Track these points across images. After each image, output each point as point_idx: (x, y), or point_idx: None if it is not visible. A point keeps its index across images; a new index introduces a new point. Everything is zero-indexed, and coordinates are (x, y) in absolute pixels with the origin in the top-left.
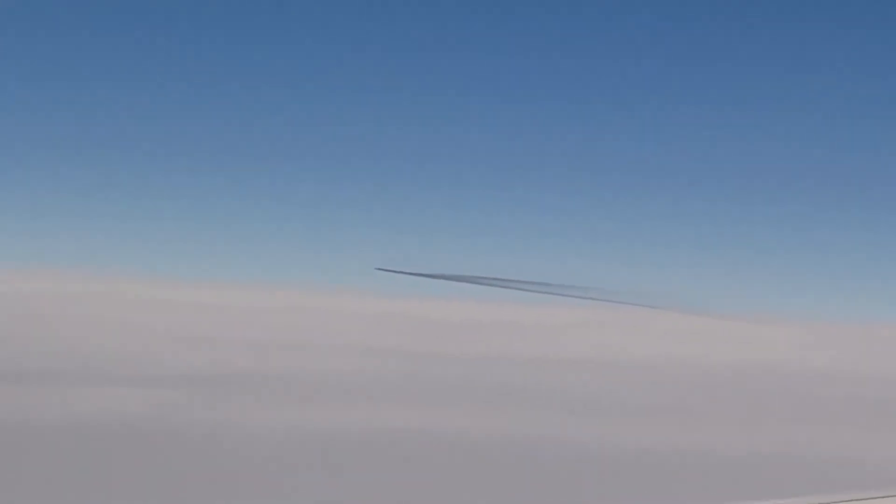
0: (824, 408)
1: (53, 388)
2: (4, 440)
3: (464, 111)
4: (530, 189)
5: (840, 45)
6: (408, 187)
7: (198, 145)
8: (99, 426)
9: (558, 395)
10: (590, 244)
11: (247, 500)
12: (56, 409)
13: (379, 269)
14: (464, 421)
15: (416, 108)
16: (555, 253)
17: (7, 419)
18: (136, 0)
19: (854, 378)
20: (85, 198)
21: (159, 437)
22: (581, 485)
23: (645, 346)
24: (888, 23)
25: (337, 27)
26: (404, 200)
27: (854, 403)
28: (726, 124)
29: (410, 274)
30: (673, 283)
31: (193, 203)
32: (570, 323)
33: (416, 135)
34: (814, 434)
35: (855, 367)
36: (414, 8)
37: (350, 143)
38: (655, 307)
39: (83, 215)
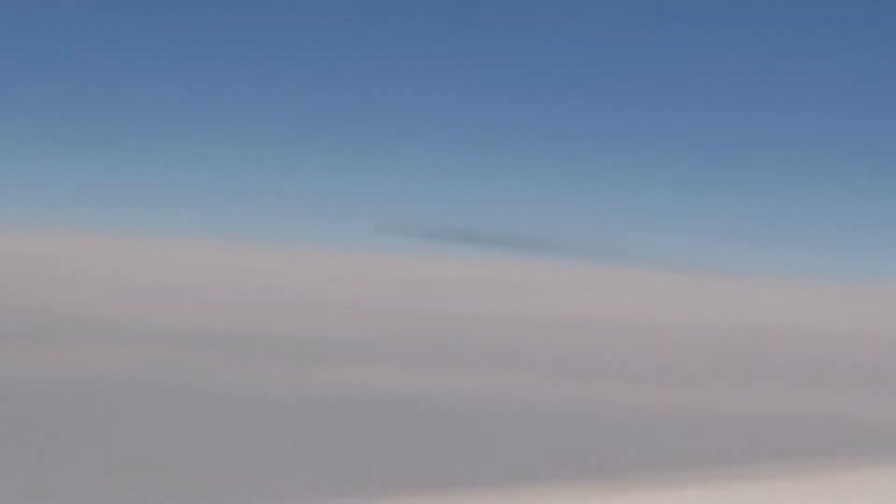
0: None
1: (38, 347)
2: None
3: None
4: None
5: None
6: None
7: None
8: (93, 383)
9: (554, 356)
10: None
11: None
12: (41, 367)
13: (377, 229)
14: (459, 381)
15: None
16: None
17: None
18: None
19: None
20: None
21: (149, 394)
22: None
23: (645, 306)
24: None
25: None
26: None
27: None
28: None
29: (409, 235)
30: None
31: (196, 161)
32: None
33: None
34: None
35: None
36: None
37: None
38: (658, 267)
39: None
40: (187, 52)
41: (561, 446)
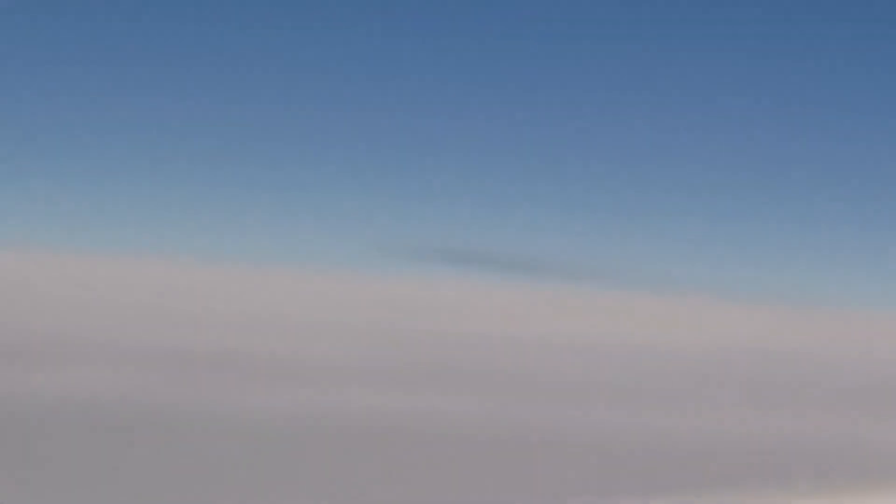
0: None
1: (33, 367)
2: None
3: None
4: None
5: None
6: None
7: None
8: (79, 405)
9: (552, 380)
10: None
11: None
12: (23, 388)
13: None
14: (457, 404)
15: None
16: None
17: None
18: None
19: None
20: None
21: (133, 415)
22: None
23: (643, 331)
24: None
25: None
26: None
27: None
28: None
29: (406, 255)
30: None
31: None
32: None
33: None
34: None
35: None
36: None
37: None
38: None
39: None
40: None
41: (544, 469)
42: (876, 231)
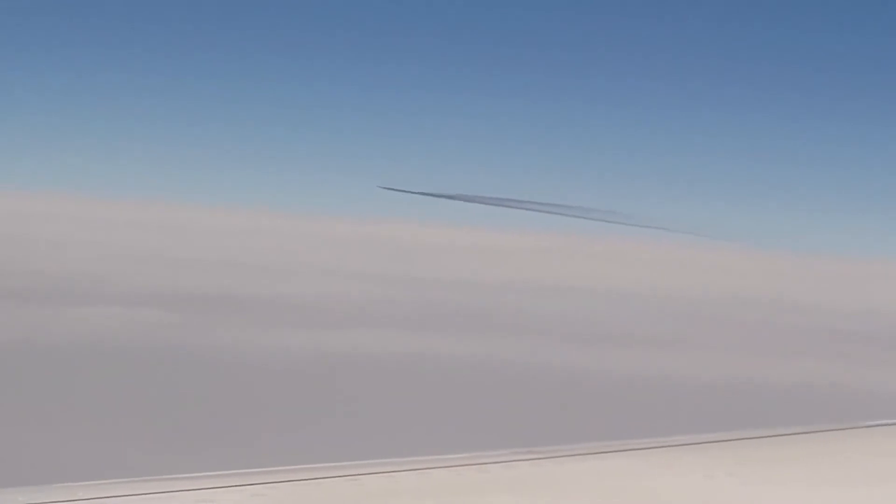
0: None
1: (35, 309)
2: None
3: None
4: (544, 105)
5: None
6: (412, 103)
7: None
8: (81, 347)
9: (560, 322)
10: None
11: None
12: (37, 329)
13: (382, 187)
14: (463, 348)
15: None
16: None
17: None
18: None
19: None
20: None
21: (149, 357)
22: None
23: (658, 273)
24: None
25: None
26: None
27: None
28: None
29: (415, 193)
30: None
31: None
32: (577, 247)
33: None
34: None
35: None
36: None
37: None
38: (670, 231)
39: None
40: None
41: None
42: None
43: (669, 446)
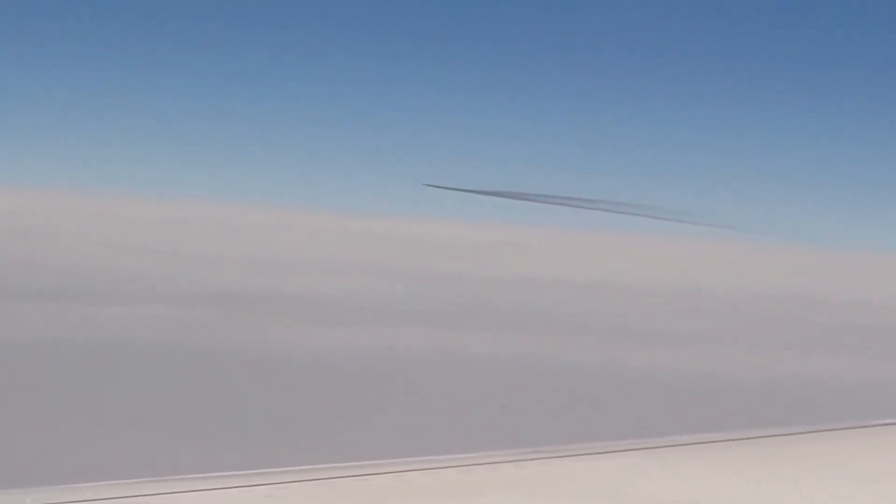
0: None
1: (68, 308)
2: (21, 360)
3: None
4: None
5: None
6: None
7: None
8: (114, 345)
9: (607, 321)
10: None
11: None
12: (71, 328)
13: (427, 185)
14: (510, 346)
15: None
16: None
17: (21, 338)
18: None
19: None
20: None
21: (186, 355)
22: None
23: (716, 273)
24: None
25: None
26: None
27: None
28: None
29: (459, 190)
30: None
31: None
32: (629, 245)
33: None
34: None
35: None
36: None
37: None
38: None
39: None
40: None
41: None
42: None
43: (679, 445)
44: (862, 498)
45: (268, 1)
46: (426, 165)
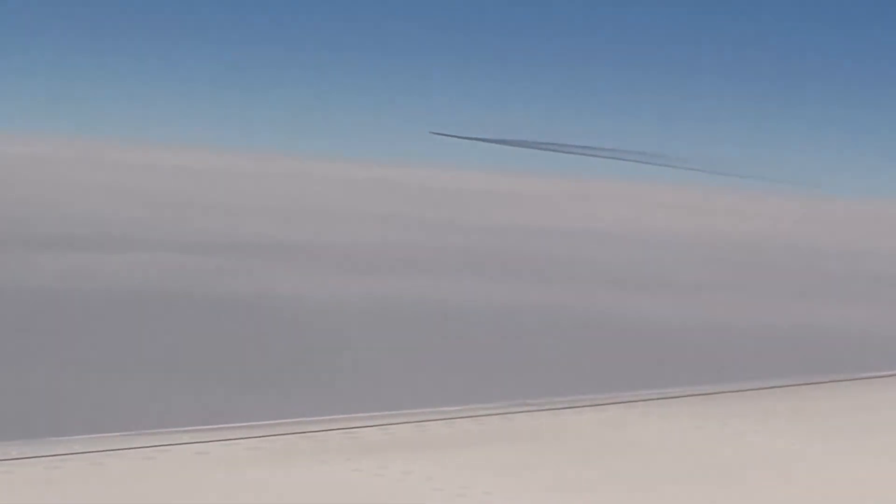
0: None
1: (80, 254)
2: (29, 307)
3: None
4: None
5: None
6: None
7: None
8: (122, 291)
9: (597, 269)
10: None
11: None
12: (82, 274)
13: (433, 132)
14: (513, 294)
15: None
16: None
17: (30, 285)
18: None
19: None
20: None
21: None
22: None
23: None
24: None
25: None
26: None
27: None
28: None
29: (467, 138)
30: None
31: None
32: (635, 193)
33: None
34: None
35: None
36: None
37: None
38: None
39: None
40: None
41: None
42: None
43: (668, 398)
44: (841, 451)
45: None
46: (432, 113)
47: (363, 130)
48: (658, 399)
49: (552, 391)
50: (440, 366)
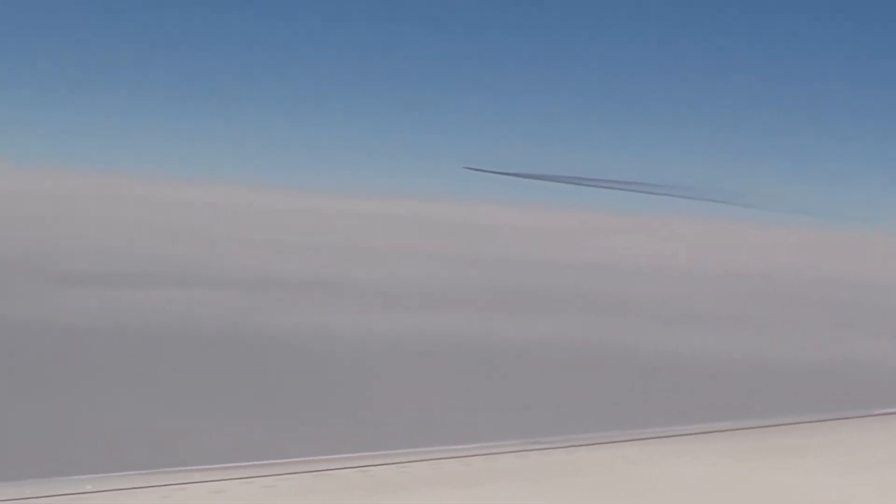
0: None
1: (129, 292)
2: (73, 344)
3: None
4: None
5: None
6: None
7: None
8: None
9: (648, 305)
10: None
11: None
12: (130, 312)
13: (467, 167)
14: (548, 329)
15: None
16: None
17: (71, 323)
18: None
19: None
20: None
21: (248, 339)
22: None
23: (752, 255)
24: None
25: None
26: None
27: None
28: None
29: (501, 173)
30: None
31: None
32: (669, 229)
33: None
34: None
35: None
36: None
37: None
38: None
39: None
40: None
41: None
42: None
43: (680, 435)
44: (856, 485)
45: None
46: (466, 148)
47: (398, 166)
48: (672, 437)
49: (567, 429)
50: (459, 402)
